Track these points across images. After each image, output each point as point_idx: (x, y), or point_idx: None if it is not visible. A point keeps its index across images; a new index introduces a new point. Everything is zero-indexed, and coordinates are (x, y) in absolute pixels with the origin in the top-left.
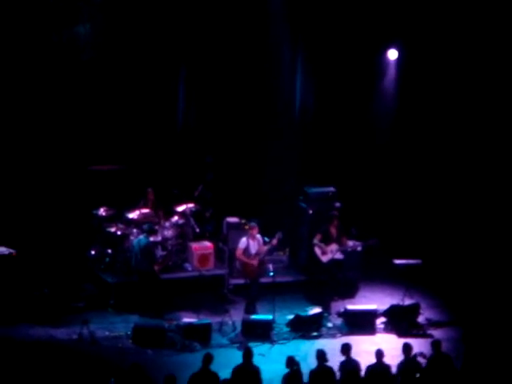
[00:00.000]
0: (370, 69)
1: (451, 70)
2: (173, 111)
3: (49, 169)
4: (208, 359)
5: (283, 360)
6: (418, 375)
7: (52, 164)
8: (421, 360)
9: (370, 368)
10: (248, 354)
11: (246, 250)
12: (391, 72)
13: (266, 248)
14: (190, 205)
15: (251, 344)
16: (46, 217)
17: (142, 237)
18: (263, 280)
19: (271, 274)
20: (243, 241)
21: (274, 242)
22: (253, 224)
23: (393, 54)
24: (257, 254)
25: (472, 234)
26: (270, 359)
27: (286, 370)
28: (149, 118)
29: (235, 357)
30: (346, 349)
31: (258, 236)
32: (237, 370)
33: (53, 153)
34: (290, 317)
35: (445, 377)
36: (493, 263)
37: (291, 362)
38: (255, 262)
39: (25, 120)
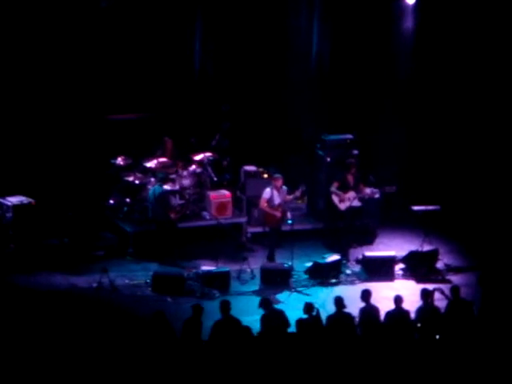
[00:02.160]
0: (387, 14)
1: (470, 14)
2: (190, 59)
3: (66, 118)
4: (225, 306)
5: (302, 307)
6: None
7: (69, 113)
8: (439, 296)
9: (389, 314)
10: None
11: (270, 200)
12: (409, 17)
13: (289, 198)
14: (208, 154)
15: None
16: (65, 166)
17: (156, 186)
18: (282, 228)
19: (290, 222)
20: (267, 191)
21: (298, 193)
22: (277, 175)
23: None
24: (280, 204)
25: (489, 179)
26: (290, 306)
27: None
28: (166, 66)
29: (254, 304)
30: (366, 295)
31: (284, 187)
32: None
33: (70, 102)
34: (309, 264)
35: (464, 322)
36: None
37: (309, 309)
38: (278, 214)
39: (43, 68)
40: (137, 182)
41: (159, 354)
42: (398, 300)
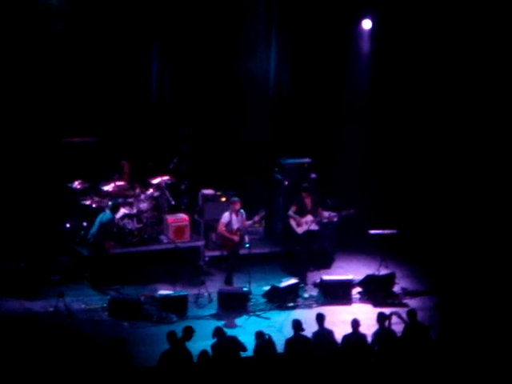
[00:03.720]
0: (344, 39)
1: (426, 39)
2: (147, 83)
3: (22, 141)
4: (172, 337)
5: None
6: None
7: (25, 136)
8: (396, 320)
9: (346, 337)
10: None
11: (228, 224)
12: (365, 42)
13: (248, 223)
14: (165, 177)
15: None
16: (21, 190)
17: (107, 212)
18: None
19: (247, 245)
20: (225, 215)
21: (257, 218)
22: (235, 199)
23: (367, 24)
24: (238, 229)
25: (446, 203)
26: (247, 331)
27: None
28: (123, 89)
29: (212, 328)
30: (319, 319)
31: (242, 211)
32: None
33: (26, 125)
34: (267, 288)
35: (420, 346)
36: (467, 231)
37: (260, 336)
38: (236, 238)
39: None
40: (94, 205)
41: (115, 380)
42: (355, 324)
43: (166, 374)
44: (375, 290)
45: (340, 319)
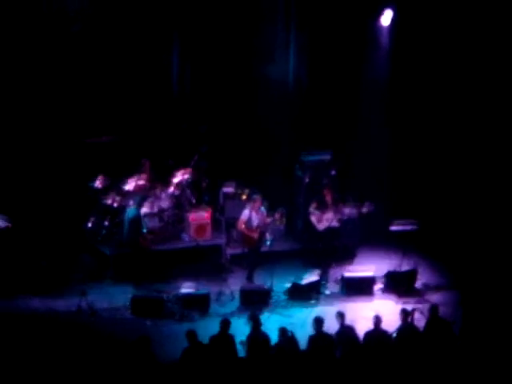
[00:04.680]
0: (363, 34)
1: (445, 34)
2: (167, 81)
3: (44, 141)
4: (192, 335)
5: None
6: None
7: (47, 136)
8: (418, 316)
9: (367, 334)
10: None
11: (248, 221)
12: (384, 38)
13: (268, 221)
14: (186, 175)
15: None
16: (43, 189)
17: (132, 208)
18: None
19: (268, 243)
20: (245, 212)
21: (277, 216)
22: (256, 196)
23: (385, 20)
24: (258, 226)
25: (469, 198)
26: (269, 328)
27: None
28: (143, 88)
29: (234, 325)
30: (340, 316)
31: (262, 208)
32: None
33: (47, 125)
34: (288, 285)
35: (443, 341)
36: (489, 225)
37: (283, 332)
38: (256, 235)
39: (19, 93)
40: (115, 204)
41: (138, 378)
42: (377, 320)
43: (187, 371)
44: (397, 286)
45: (362, 315)
